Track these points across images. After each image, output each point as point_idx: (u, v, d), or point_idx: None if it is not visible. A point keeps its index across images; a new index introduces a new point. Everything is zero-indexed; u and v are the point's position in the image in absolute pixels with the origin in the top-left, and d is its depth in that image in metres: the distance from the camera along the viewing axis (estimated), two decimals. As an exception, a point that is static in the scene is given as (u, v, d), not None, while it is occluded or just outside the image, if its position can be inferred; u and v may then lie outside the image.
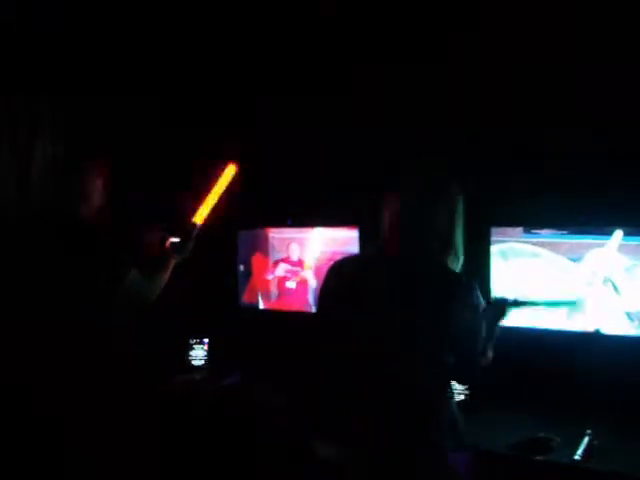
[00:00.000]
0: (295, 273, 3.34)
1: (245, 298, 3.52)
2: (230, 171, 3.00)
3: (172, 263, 2.78)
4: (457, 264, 2.05)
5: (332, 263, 2.21)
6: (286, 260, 3.38)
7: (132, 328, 2.63)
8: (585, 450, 2.23)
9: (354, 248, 3.08)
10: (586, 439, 2.29)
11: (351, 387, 1.98)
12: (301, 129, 3.36)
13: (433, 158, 2.89)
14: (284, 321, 3.39)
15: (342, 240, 3.16)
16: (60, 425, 2.42)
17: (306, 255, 3.30)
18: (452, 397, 2.13)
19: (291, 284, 3.37)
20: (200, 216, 2.93)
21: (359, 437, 1.93)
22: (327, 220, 3.23)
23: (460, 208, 2.07)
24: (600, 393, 2.54)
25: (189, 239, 2.86)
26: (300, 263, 3.32)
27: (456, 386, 2.58)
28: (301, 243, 3.32)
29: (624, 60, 2.59)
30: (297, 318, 3.35)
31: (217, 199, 2.98)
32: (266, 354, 3.32)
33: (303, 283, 3.32)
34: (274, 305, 3.44)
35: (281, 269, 3.39)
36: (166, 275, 2.75)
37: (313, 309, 3.28)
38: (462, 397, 2.64)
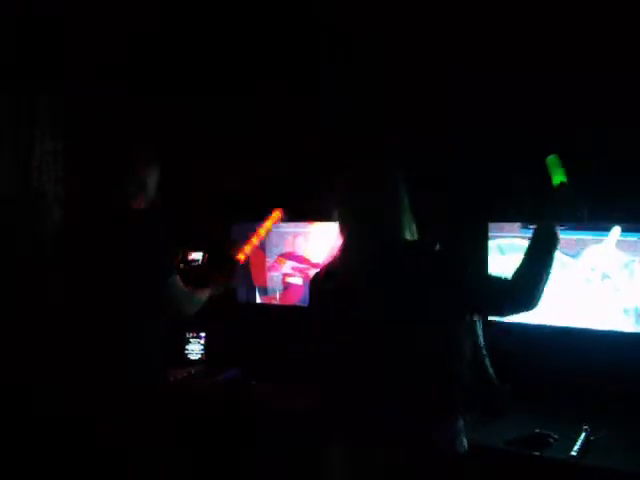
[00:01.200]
0: (296, 268, 3.34)
1: (243, 292, 3.52)
2: (276, 216, 3.10)
3: (209, 292, 2.81)
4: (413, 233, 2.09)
5: (313, 276, 2.21)
6: (287, 255, 3.37)
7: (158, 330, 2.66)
8: (582, 446, 2.23)
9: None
10: (583, 435, 2.29)
11: (354, 384, 1.97)
12: (303, 122, 3.36)
13: (431, 155, 2.90)
14: (282, 316, 3.39)
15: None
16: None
17: (309, 250, 3.30)
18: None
19: (292, 279, 3.36)
20: (243, 254, 3.03)
21: (364, 433, 1.93)
22: (328, 214, 3.22)
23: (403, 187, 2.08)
24: (597, 389, 2.54)
25: (229, 277, 2.97)
26: (302, 258, 3.31)
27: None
28: (301, 237, 3.31)
29: (621, 62, 2.60)
30: (296, 313, 3.35)
31: (260, 240, 3.12)
32: (264, 349, 3.32)
33: (304, 278, 3.31)
34: (272, 300, 3.44)
35: (282, 264, 3.39)
36: (203, 297, 2.77)
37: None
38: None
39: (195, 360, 3.33)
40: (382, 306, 1.93)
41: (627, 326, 2.54)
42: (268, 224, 3.11)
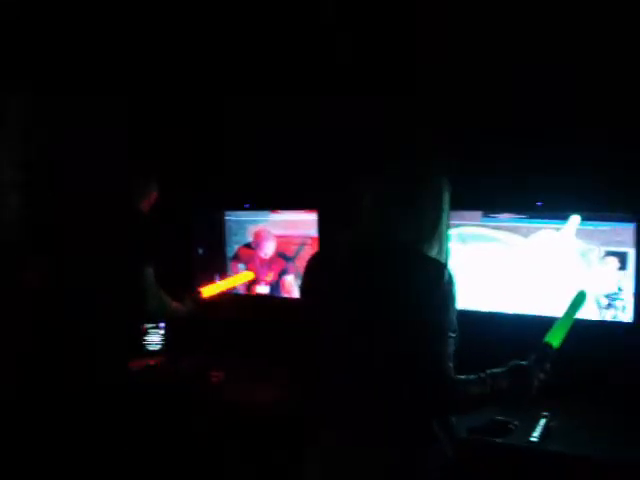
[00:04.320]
0: (255, 257, 3.32)
1: (203, 281, 3.48)
2: (247, 276, 3.29)
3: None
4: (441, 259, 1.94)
5: (311, 255, 2.12)
6: (247, 245, 3.35)
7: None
8: (542, 431, 2.27)
9: (313, 232, 3.08)
10: (543, 421, 2.33)
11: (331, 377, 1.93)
12: (261, 113, 3.34)
13: (389, 139, 2.90)
14: (242, 304, 3.37)
15: (301, 223, 3.15)
16: None
17: (265, 239, 3.28)
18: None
19: (252, 267, 3.35)
20: (209, 291, 3.21)
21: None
22: (286, 203, 3.21)
23: (446, 201, 1.95)
24: (556, 375, 2.58)
25: (189, 308, 3.19)
26: (260, 247, 3.29)
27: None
28: (259, 227, 3.29)
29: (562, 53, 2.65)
30: (256, 301, 3.34)
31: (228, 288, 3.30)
32: (224, 339, 3.30)
33: (262, 266, 3.30)
34: (232, 289, 3.42)
35: (240, 253, 3.36)
36: (170, 304, 3.12)
37: (270, 292, 3.30)
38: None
39: (154, 351, 3.27)
40: (360, 311, 1.85)
41: (584, 313, 2.58)
42: (237, 280, 3.27)
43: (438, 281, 1.80)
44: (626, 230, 2.51)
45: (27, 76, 3.19)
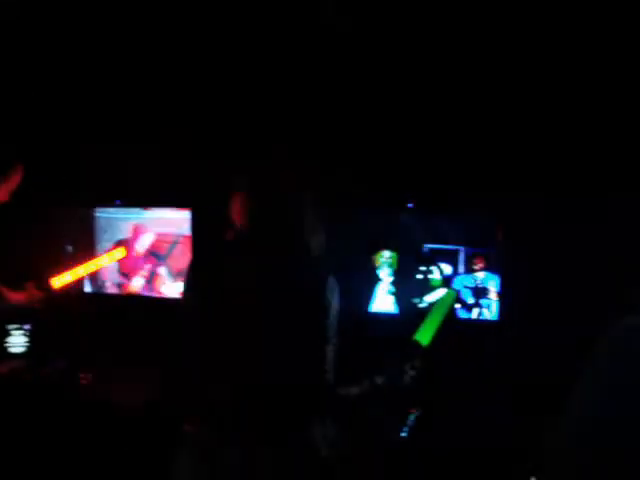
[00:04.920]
0: (128, 256, 3.23)
1: (72, 281, 3.35)
2: (117, 253, 3.16)
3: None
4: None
5: (197, 251, 2.11)
6: (120, 242, 3.26)
7: None
8: (412, 427, 2.33)
9: (186, 230, 3.05)
10: (412, 417, 2.38)
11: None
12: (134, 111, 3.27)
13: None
14: (113, 304, 3.30)
15: (174, 222, 3.10)
16: None
17: (139, 237, 3.21)
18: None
19: (122, 268, 3.27)
20: (60, 281, 3.02)
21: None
22: (158, 200, 3.16)
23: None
24: (425, 372, 2.65)
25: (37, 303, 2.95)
26: (134, 246, 3.21)
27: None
28: (132, 224, 3.21)
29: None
30: (128, 301, 3.26)
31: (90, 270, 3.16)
32: (92, 339, 3.20)
33: (136, 262, 3.23)
34: (102, 289, 3.32)
35: (113, 251, 3.26)
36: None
37: (142, 291, 3.24)
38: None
39: (17, 354, 3.13)
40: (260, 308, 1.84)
41: (453, 312, 2.67)
42: (104, 260, 3.14)
43: (322, 284, 1.84)
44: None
45: None
